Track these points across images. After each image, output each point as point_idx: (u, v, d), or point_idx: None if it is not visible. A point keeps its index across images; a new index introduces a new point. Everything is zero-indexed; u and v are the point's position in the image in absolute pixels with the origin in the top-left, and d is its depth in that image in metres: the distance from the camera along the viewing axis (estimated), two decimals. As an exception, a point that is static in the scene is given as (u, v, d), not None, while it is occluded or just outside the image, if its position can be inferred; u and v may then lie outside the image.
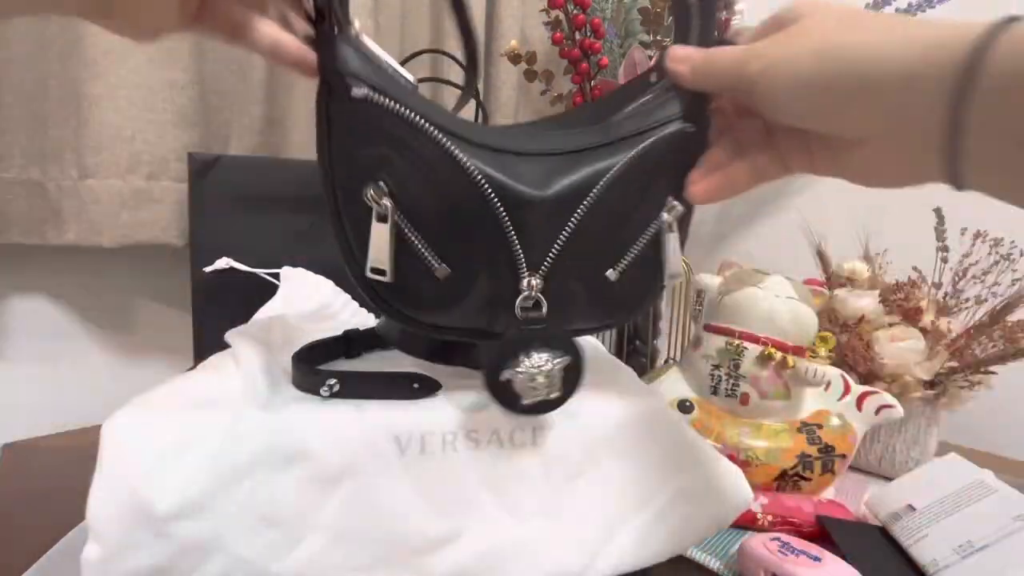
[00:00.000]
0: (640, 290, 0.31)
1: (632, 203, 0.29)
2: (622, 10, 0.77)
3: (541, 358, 0.28)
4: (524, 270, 0.28)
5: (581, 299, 0.30)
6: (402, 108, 0.25)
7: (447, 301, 0.28)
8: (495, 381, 0.28)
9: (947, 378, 0.61)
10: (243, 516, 0.27)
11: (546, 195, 0.27)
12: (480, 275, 0.28)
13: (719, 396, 0.56)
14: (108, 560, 0.26)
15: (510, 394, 0.28)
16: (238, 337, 0.36)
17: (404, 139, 0.26)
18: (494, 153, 0.27)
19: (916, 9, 0.75)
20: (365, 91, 0.25)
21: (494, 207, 0.26)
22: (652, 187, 0.29)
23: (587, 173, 0.28)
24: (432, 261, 0.27)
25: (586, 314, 0.31)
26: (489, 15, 0.82)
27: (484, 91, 0.84)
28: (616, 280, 0.30)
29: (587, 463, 0.33)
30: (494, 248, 0.27)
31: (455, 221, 0.27)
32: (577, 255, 0.28)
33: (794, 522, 0.48)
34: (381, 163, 0.26)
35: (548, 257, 0.28)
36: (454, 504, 0.31)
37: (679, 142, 0.29)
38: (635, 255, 0.30)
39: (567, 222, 0.28)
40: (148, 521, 0.26)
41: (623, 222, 0.29)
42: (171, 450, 0.27)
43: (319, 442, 0.29)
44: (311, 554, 0.28)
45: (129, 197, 0.62)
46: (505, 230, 0.27)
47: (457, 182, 0.26)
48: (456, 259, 0.27)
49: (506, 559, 0.31)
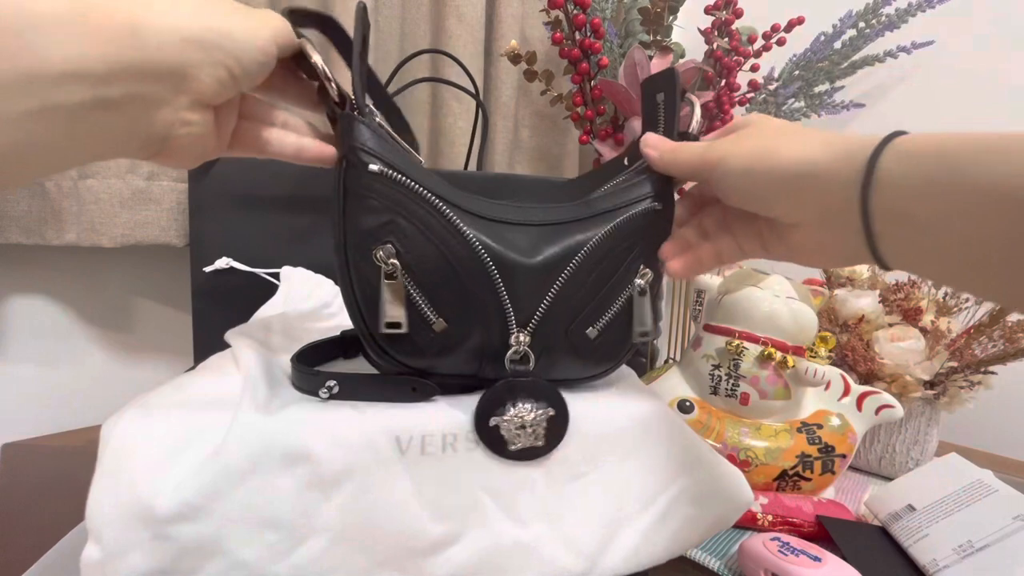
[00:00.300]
0: (617, 345, 0.34)
1: (609, 270, 0.33)
2: (622, 10, 0.77)
3: (526, 408, 0.31)
4: (514, 327, 0.31)
5: (564, 353, 0.33)
6: (411, 182, 0.28)
7: (441, 351, 0.31)
8: (483, 426, 0.30)
9: (947, 378, 0.61)
10: (243, 518, 0.27)
11: (534, 262, 0.31)
12: (473, 330, 0.31)
13: (719, 396, 0.56)
14: (108, 561, 0.26)
15: (497, 439, 0.31)
16: (238, 337, 0.36)
17: (412, 208, 0.29)
18: (488, 223, 0.31)
19: (916, 9, 0.76)
20: (380, 166, 0.28)
21: (489, 270, 0.30)
22: (626, 256, 0.33)
23: (569, 243, 0.32)
24: (431, 315, 0.30)
25: (569, 367, 0.34)
26: (489, 15, 0.82)
27: (484, 91, 0.84)
28: (596, 337, 0.33)
29: (588, 465, 0.33)
30: (487, 307, 0.30)
31: (453, 282, 0.30)
32: (560, 315, 0.32)
33: (794, 522, 0.48)
34: (390, 229, 0.29)
35: (535, 316, 0.31)
36: (454, 506, 0.31)
37: (649, 218, 0.33)
38: (612, 315, 0.33)
39: (552, 285, 0.31)
40: (148, 522, 0.26)
41: (601, 286, 0.32)
42: (171, 451, 0.27)
43: (319, 443, 0.29)
44: (311, 556, 0.28)
45: (129, 197, 0.62)
46: (498, 291, 0.30)
47: (458, 247, 0.29)
48: (452, 315, 0.30)
49: (506, 561, 0.31)
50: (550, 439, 0.31)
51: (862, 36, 0.78)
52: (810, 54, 0.80)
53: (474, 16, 0.78)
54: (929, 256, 0.25)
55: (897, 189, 0.24)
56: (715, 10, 0.76)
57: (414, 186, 0.28)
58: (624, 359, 0.35)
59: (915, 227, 0.24)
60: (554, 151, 0.92)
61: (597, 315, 0.33)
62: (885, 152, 0.25)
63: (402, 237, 0.29)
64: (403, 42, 0.79)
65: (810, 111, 0.82)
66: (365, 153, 0.28)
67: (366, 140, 0.28)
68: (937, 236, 0.24)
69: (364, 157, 0.28)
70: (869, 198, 0.25)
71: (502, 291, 0.30)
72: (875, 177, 0.24)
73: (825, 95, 0.81)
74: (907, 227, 0.24)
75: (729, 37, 0.76)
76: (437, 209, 0.29)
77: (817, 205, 0.27)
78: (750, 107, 0.82)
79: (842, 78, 0.81)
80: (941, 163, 0.23)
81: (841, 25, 0.78)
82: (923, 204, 0.23)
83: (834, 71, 0.80)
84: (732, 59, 0.75)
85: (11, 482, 0.51)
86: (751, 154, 0.29)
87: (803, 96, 0.81)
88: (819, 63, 0.80)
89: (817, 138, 0.28)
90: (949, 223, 0.23)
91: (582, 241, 0.32)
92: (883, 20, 0.77)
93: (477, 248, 0.29)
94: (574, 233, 0.32)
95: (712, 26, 0.76)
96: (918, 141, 0.24)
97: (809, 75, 0.80)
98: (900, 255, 0.26)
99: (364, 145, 0.28)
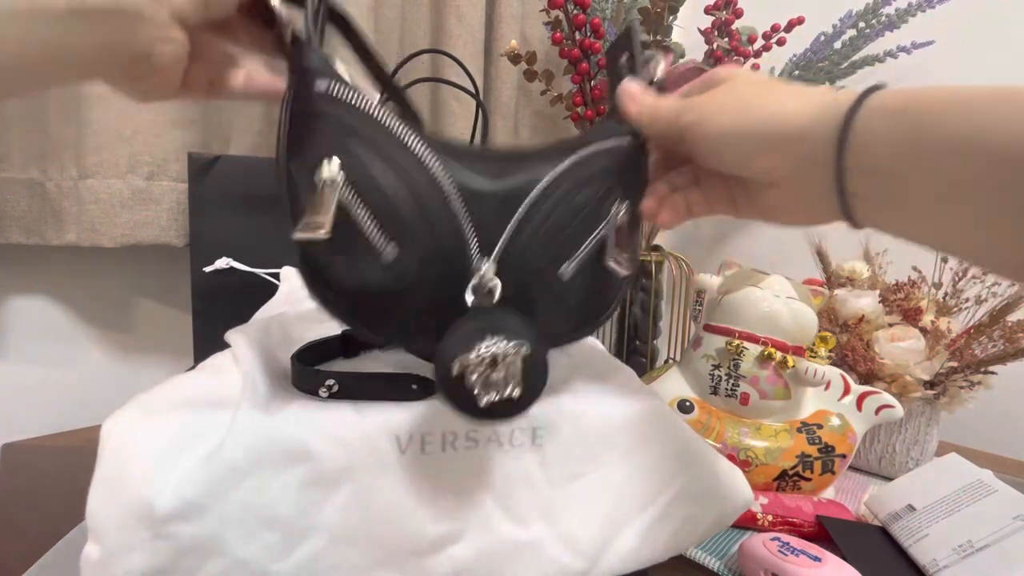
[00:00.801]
0: (598, 293, 0.32)
1: (580, 202, 0.30)
2: (622, 10, 0.77)
3: (496, 343, 0.26)
4: (475, 253, 0.28)
5: (537, 297, 0.30)
6: (364, 102, 0.27)
7: (395, 291, 0.28)
8: (447, 376, 0.26)
9: (947, 378, 0.61)
10: (243, 517, 0.27)
11: (497, 187, 0.29)
12: (430, 262, 0.27)
13: (719, 396, 0.56)
14: (107, 560, 0.26)
15: (465, 393, 0.26)
16: (238, 337, 0.36)
17: (362, 130, 0.27)
18: (449, 147, 0.29)
19: (916, 9, 0.76)
20: (328, 82, 0.26)
21: (446, 191, 0.27)
22: (599, 190, 0.31)
23: (535, 172, 0.29)
24: (380, 241, 0.27)
25: (547, 314, 0.30)
26: (489, 15, 0.82)
27: (484, 91, 0.84)
28: (571, 278, 0.30)
29: (588, 464, 0.33)
30: (446, 235, 0.27)
31: (407, 205, 0.27)
32: (528, 246, 0.29)
33: (794, 522, 0.48)
34: (339, 148, 0.27)
35: (499, 244, 0.28)
36: (454, 505, 0.31)
37: (622, 151, 0.32)
38: (587, 254, 0.30)
39: (515, 211, 0.29)
40: (147, 522, 0.26)
41: (572, 218, 0.30)
42: (171, 451, 0.27)
43: (319, 442, 0.29)
44: (311, 555, 0.28)
45: (129, 197, 0.62)
46: (457, 215, 0.27)
47: (413, 170, 0.27)
48: (405, 240, 0.27)
49: (506, 561, 0.31)
50: (528, 388, 0.26)
51: (862, 36, 0.78)
52: (810, 54, 0.80)
53: (474, 16, 0.78)
54: (901, 214, 0.24)
55: (871, 147, 0.24)
56: (715, 10, 0.76)
57: (366, 107, 0.27)
58: (610, 311, 0.33)
59: (888, 184, 0.24)
60: (554, 151, 0.91)
61: (569, 251, 0.30)
62: (861, 109, 0.24)
63: (350, 156, 0.26)
64: (403, 42, 0.79)
65: (810, 111, 0.82)
66: (314, 73, 0.27)
67: (316, 63, 0.27)
68: (908, 192, 0.23)
69: (312, 77, 0.27)
70: (844, 156, 0.24)
71: (464, 212, 0.27)
72: (850, 134, 0.24)
73: (825, 95, 0.81)
74: (880, 184, 0.24)
75: (729, 37, 0.76)
76: (388, 129, 0.27)
77: (792, 164, 0.27)
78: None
79: (842, 78, 0.81)
80: (912, 119, 0.22)
81: (841, 25, 0.78)
82: (895, 160, 0.23)
83: (834, 71, 0.80)
84: (732, 59, 0.75)
85: (11, 482, 0.51)
86: (730, 114, 0.28)
87: (803, 96, 0.81)
88: (819, 63, 0.80)
89: (793, 94, 0.27)
90: (921, 179, 0.23)
91: (546, 169, 0.29)
92: (883, 20, 0.77)
93: (434, 169, 0.27)
94: (541, 162, 0.30)
95: (712, 26, 0.76)
96: (891, 96, 0.24)
97: (809, 75, 0.80)
98: (872, 213, 0.26)
99: (314, 66, 0.27)
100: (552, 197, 0.29)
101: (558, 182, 0.29)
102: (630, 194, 0.32)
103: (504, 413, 0.27)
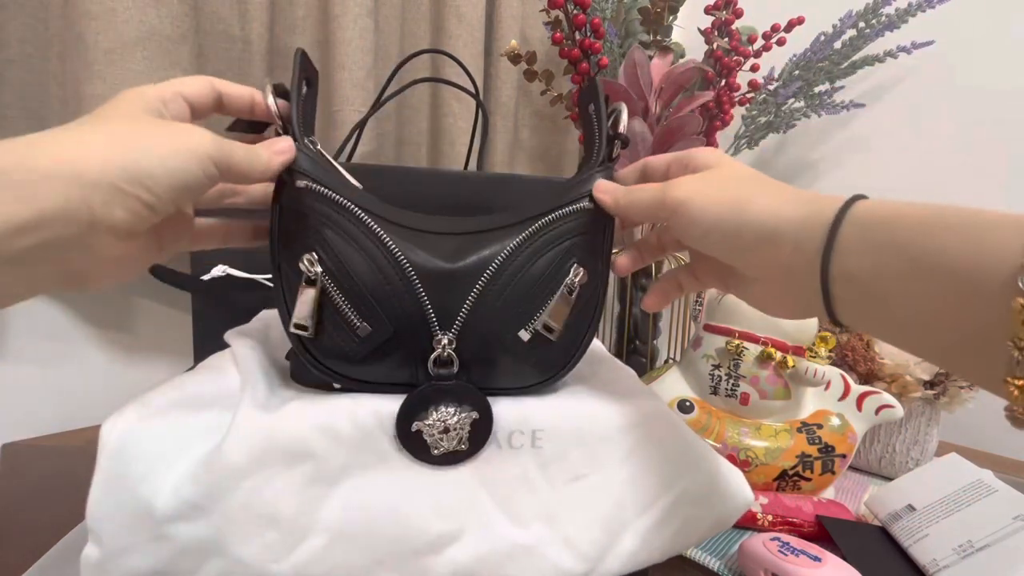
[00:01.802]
0: (559, 349, 0.34)
1: (538, 271, 0.32)
2: (622, 10, 0.77)
3: (448, 412, 0.31)
4: (437, 330, 0.31)
5: (501, 358, 0.33)
6: (335, 194, 0.30)
7: (369, 358, 0.31)
8: (406, 430, 0.30)
9: (947, 378, 0.61)
10: (242, 517, 0.27)
11: (456, 266, 0.31)
12: (399, 336, 0.31)
13: (719, 396, 0.56)
14: (107, 560, 0.26)
15: (420, 444, 0.30)
16: (237, 337, 0.36)
17: (336, 219, 0.30)
18: (413, 232, 0.32)
19: (916, 9, 0.76)
20: (307, 182, 0.30)
21: (408, 275, 0.30)
22: (559, 256, 0.32)
23: (491, 248, 0.32)
24: (355, 320, 0.30)
25: (509, 372, 0.33)
26: (489, 15, 0.82)
27: (484, 91, 0.84)
28: (530, 339, 0.32)
29: (587, 466, 0.33)
30: (409, 312, 0.31)
31: (376, 288, 0.30)
32: (487, 318, 0.31)
33: (794, 522, 0.48)
34: (316, 239, 0.30)
35: (458, 320, 0.31)
36: (454, 505, 0.31)
37: (581, 217, 0.33)
38: (546, 317, 0.32)
39: (472, 289, 0.31)
40: (147, 522, 0.26)
41: (530, 287, 0.32)
42: (170, 451, 0.27)
43: (318, 442, 0.29)
44: (311, 555, 0.28)
45: (129, 197, 0.62)
46: (417, 294, 0.30)
47: (379, 255, 0.30)
48: (375, 320, 0.31)
49: (507, 562, 0.31)
50: (474, 442, 0.31)
51: (862, 36, 0.78)
52: (810, 54, 0.80)
53: (474, 16, 0.78)
54: (883, 322, 0.25)
55: (853, 256, 0.25)
56: (715, 10, 0.76)
57: (339, 199, 0.30)
58: (571, 365, 0.34)
59: (869, 294, 0.25)
60: (554, 151, 0.91)
61: (528, 316, 0.32)
62: (845, 220, 0.25)
63: (327, 247, 0.30)
64: (403, 42, 0.79)
65: (810, 111, 0.82)
66: (296, 173, 0.30)
67: (299, 162, 0.30)
68: (888, 304, 0.24)
69: (295, 176, 0.30)
70: (829, 263, 0.25)
71: (421, 294, 0.30)
72: (836, 242, 0.25)
73: (825, 95, 0.81)
74: (862, 293, 0.25)
75: (729, 37, 0.76)
76: (359, 219, 0.30)
77: (781, 264, 0.27)
78: (750, 107, 0.82)
79: (842, 78, 0.81)
80: (889, 235, 0.24)
81: (841, 25, 0.78)
82: (875, 274, 0.24)
83: (834, 71, 0.80)
84: (732, 59, 0.75)
85: (11, 482, 0.51)
86: (727, 205, 0.28)
87: (803, 96, 0.81)
88: (819, 63, 0.80)
89: (785, 194, 0.28)
90: (899, 293, 0.23)
91: (503, 246, 0.32)
92: (883, 20, 0.77)
93: (396, 254, 0.30)
94: (499, 239, 0.32)
95: (712, 26, 0.76)
96: (872, 210, 0.25)
97: (809, 75, 0.80)
98: (855, 317, 0.26)
99: (297, 166, 0.30)
100: (508, 270, 0.32)
101: (513, 255, 0.32)
102: (590, 255, 0.33)
103: (452, 461, 0.31)
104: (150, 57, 0.60)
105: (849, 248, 0.25)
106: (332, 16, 0.68)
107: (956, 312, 0.21)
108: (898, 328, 0.25)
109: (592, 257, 0.33)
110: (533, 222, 0.32)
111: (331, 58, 0.69)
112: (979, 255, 0.20)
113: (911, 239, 0.23)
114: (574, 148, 0.91)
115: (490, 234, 0.33)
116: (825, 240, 0.25)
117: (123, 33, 0.57)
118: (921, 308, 0.23)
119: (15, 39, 0.58)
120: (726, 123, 0.78)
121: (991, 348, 0.20)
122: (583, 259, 0.33)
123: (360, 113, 0.69)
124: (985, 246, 0.20)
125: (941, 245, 0.22)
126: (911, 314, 0.23)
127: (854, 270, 0.25)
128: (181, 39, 0.62)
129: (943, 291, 0.22)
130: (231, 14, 0.66)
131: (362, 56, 0.69)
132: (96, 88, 0.58)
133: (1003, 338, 0.19)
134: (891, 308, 0.24)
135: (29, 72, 0.59)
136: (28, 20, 0.59)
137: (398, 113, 0.79)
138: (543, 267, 0.32)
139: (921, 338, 0.24)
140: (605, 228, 0.34)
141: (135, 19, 0.58)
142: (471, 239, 0.32)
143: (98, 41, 0.58)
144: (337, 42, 0.68)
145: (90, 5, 0.56)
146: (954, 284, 0.21)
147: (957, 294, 0.21)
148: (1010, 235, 0.20)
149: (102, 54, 0.58)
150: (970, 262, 0.21)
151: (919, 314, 0.23)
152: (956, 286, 0.21)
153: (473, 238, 0.33)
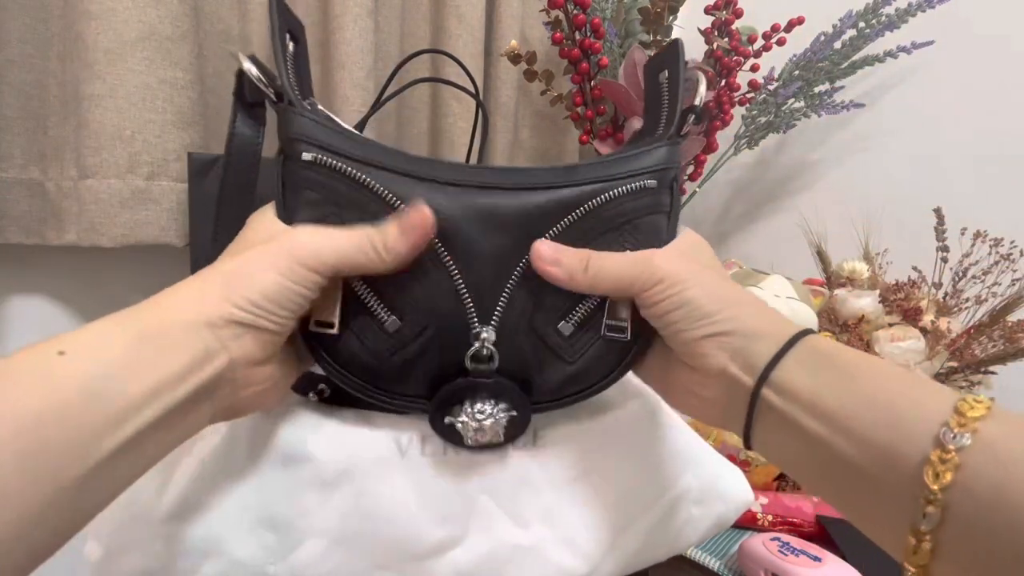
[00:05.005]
0: (602, 355, 0.30)
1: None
2: (622, 10, 0.77)
3: (484, 408, 0.28)
4: (475, 320, 0.28)
5: (536, 359, 0.29)
6: (350, 168, 0.26)
7: (398, 361, 0.28)
8: (439, 423, 0.29)
9: (947, 378, 0.61)
10: (241, 518, 0.27)
11: (489, 250, 0.27)
12: (431, 330, 0.28)
13: (719, 396, 0.56)
14: (108, 560, 0.26)
15: (454, 434, 0.29)
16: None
17: (353, 197, 0.27)
18: (442, 186, 0.27)
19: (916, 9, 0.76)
20: (314, 154, 0.26)
21: (443, 258, 0.27)
22: (609, 241, 0.29)
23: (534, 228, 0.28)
24: (382, 313, 0.27)
25: (547, 372, 0.30)
26: (489, 15, 0.82)
27: (484, 91, 0.84)
28: (571, 334, 0.29)
29: (588, 466, 0.33)
30: (444, 299, 0.27)
31: (404, 276, 0.27)
32: (527, 305, 0.28)
33: (794, 522, 0.48)
34: (330, 220, 0.27)
35: (497, 308, 0.28)
36: (455, 508, 0.31)
37: (640, 198, 0.29)
38: (589, 308, 0.29)
39: (512, 272, 0.28)
40: (147, 522, 0.26)
41: None
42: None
43: (318, 444, 0.29)
44: (309, 557, 0.28)
45: (129, 197, 0.62)
46: (454, 280, 0.27)
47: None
48: (406, 311, 0.27)
49: (508, 564, 0.31)
50: (509, 436, 0.30)
51: (862, 36, 0.78)
52: (810, 54, 0.80)
53: (474, 16, 0.78)
54: (789, 460, 0.26)
55: (780, 395, 0.25)
56: (715, 10, 0.76)
57: (353, 173, 0.26)
58: (620, 371, 0.30)
59: (782, 433, 0.26)
60: (554, 151, 0.91)
61: (569, 307, 0.29)
62: (787, 352, 0.26)
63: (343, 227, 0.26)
64: (403, 42, 0.79)
65: (810, 111, 0.82)
66: (299, 142, 0.26)
67: (301, 127, 0.26)
68: (793, 442, 0.25)
69: (298, 147, 0.26)
70: (757, 398, 0.26)
71: (458, 280, 0.27)
72: (770, 380, 0.26)
73: (825, 95, 0.81)
74: (778, 431, 0.26)
75: (729, 37, 0.76)
76: (379, 195, 0.26)
77: (731, 378, 0.27)
78: (750, 107, 0.82)
79: (842, 78, 0.81)
80: (806, 384, 0.25)
81: (841, 25, 0.78)
82: (786, 421, 0.25)
83: (834, 71, 0.80)
84: (732, 59, 0.75)
85: (11, 482, 0.51)
86: (709, 288, 0.27)
87: (803, 96, 0.81)
88: (819, 63, 0.80)
89: (765, 314, 0.28)
90: (805, 438, 0.25)
91: (545, 223, 0.28)
92: (883, 20, 0.77)
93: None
94: (540, 218, 0.28)
95: (712, 26, 0.76)
96: (798, 356, 0.26)
97: (809, 75, 0.80)
98: (765, 449, 0.27)
99: (299, 134, 0.26)
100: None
101: (560, 238, 0.28)
102: (646, 242, 0.29)
103: (488, 448, 0.30)
104: (150, 57, 0.60)
105: (780, 388, 0.26)
106: (332, 16, 0.68)
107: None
108: (799, 470, 0.26)
109: (646, 242, 0.29)
110: (587, 200, 0.28)
111: (331, 58, 0.69)
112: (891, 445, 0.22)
113: (814, 391, 0.24)
114: (574, 148, 0.91)
115: (530, 213, 0.28)
116: (759, 378, 0.26)
117: (123, 33, 0.57)
118: (814, 453, 0.24)
119: (15, 39, 0.58)
120: (726, 123, 0.78)
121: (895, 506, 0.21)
122: (637, 245, 0.29)
123: (360, 113, 0.69)
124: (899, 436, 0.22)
125: (844, 402, 0.23)
126: (812, 459, 0.25)
127: (778, 402, 0.25)
128: (181, 39, 0.62)
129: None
130: (231, 14, 0.66)
131: (362, 56, 0.69)
132: (96, 88, 0.58)
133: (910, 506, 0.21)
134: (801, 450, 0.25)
135: (29, 72, 0.59)
136: (28, 20, 0.59)
137: (398, 113, 0.79)
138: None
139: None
140: (669, 212, 0.30)
141: (135, 19, 0.58)
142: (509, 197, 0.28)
143: (98, 41, 0.58)
144: (337, 42, 0.68)
145: (90, 5, 0.56)
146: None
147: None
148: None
149: (102, 54, 0.58)
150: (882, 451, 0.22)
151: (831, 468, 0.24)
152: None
153: (512, 197, 0.28)
